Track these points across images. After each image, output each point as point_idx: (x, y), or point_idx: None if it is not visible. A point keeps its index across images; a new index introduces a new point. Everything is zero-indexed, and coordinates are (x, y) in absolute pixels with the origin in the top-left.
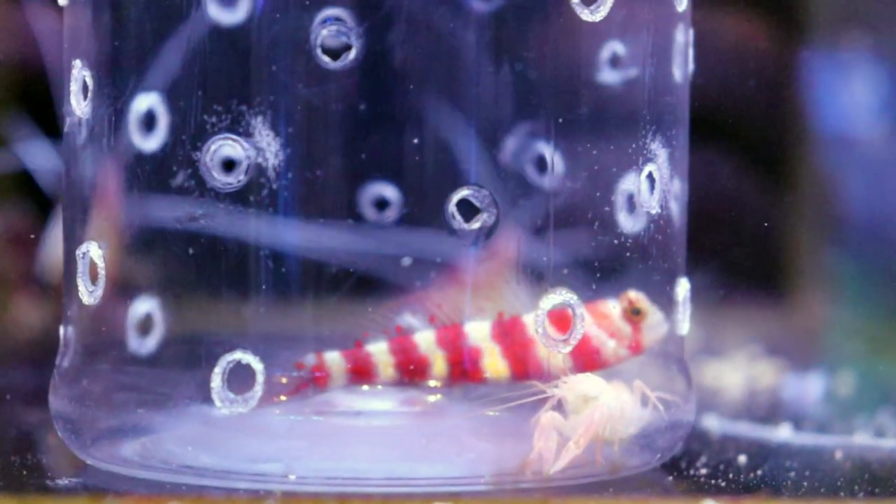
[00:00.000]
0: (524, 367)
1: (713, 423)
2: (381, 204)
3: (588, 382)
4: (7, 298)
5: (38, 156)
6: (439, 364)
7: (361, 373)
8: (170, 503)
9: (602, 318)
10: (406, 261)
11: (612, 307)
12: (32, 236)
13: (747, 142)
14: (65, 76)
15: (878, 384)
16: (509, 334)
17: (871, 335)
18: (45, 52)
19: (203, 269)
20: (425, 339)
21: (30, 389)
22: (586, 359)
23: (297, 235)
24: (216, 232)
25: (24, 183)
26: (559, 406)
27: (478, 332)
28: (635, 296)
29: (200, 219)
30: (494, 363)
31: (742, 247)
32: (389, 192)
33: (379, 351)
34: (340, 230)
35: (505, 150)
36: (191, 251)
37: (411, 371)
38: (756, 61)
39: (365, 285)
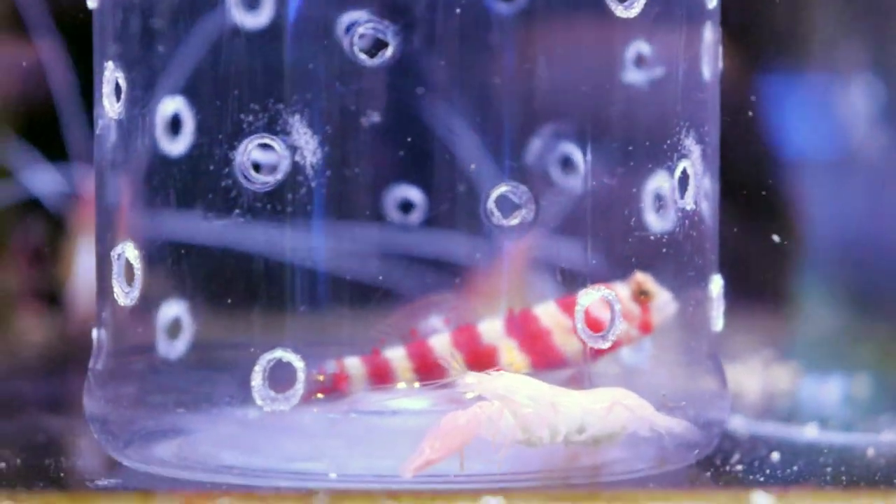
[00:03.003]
0: (543, 358)
1: (740, 424)
2: (406, 207)
3: (501, 380)
4: (12, 314)
5: (44, 182)
6: None
7: (380, 377)
8: (220, 500)
9: None
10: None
11: (621, 289)
12: (38, 253)
13: None
14: (95, 79)
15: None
16: (523, 327)
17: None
18: (52, 78)
19: (235, 271)
20: (441, 343)
21: (45, 399)
22: None
23: (328, 234)
24: (250, 233)
25: (32, 206)
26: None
27: (491, 329)
28: (642, 278)
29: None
30: (513, 358)
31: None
32: (414, 195)
33: (396, 356)
34: (369, 231)
35: (534, 150)
36: (224, 251)
37: (430, 374)
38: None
39: (387, 291)
